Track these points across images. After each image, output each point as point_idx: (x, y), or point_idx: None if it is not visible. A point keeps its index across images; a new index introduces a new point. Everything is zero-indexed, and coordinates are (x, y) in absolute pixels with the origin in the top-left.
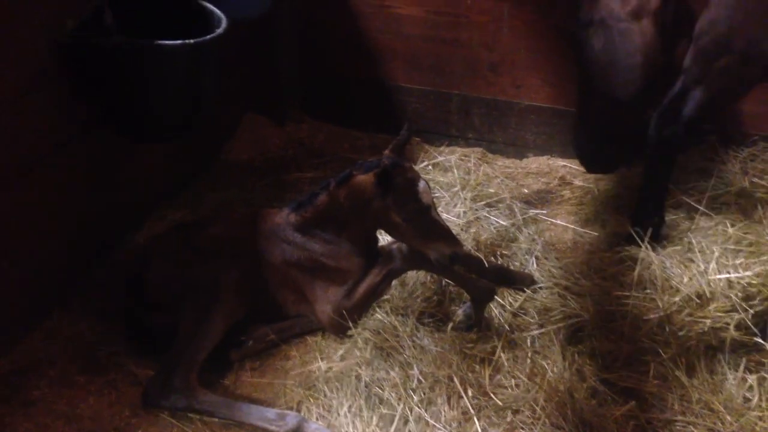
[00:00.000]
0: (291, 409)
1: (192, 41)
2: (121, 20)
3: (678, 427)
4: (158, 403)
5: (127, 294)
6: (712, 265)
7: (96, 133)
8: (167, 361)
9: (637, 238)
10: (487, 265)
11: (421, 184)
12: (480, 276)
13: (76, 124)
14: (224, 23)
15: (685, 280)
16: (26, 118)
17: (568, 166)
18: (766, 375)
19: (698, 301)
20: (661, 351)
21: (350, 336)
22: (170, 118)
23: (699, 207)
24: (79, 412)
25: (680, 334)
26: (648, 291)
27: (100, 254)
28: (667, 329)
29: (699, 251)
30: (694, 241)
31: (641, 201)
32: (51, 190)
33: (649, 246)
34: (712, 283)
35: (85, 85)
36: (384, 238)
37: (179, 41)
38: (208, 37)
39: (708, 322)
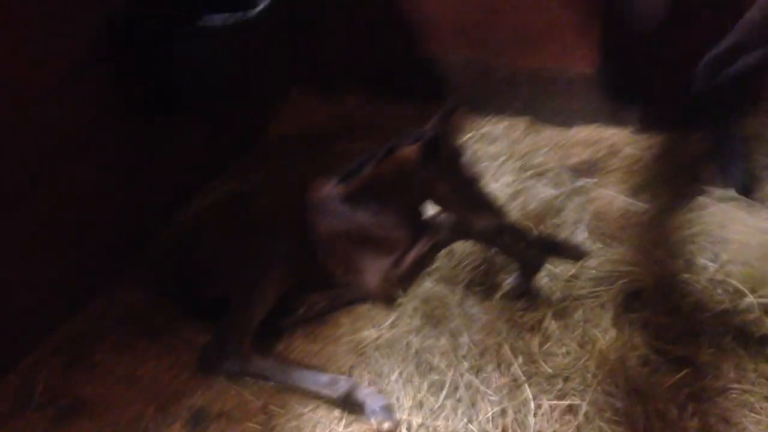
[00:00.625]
0: (343, 374)
1: (239, 15)
2: None
3: (733, 395)
4: (214, 368)
5: (179, 265)
6: None
7: (145, 110)
8: (221, 327)
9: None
10: (535, 236)
11: (466, 155)
12: (528, 246)
13: (126, 101)
14: None
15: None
16: (83, 93)
17: (617, 135)
18: None
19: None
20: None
21: (399, 305)
22: (216, 93)
23: None
24: (140, 375)
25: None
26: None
27: (154, 226)
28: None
29: None
30: None
31: (722, 162)
32: (103, 167)
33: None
34: None
35: (135, 61)
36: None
37: (225, 15)
38: (255, 10)
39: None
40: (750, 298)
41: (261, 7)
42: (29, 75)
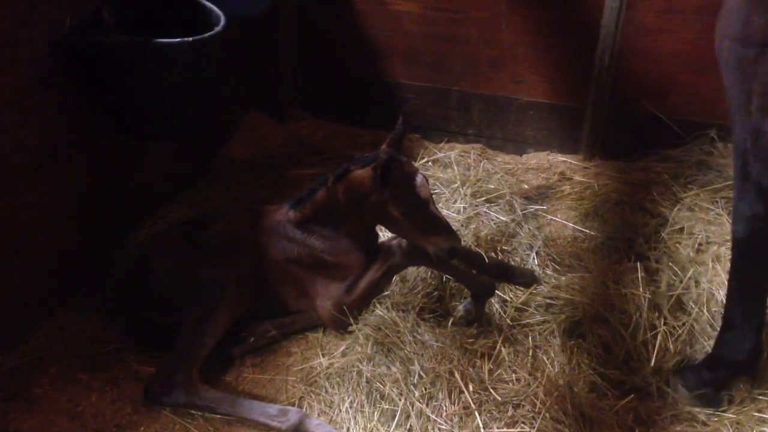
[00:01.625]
0: (293, 405)
1: (191, 39)
2: (120, 19)
3: (680, 417)
4: (160, 400)
5: (129, 291)
6: None
7: (97, 133)
8: (169, 357)
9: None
10: (487, 261)
11: (419, 178)
12: (480, 272)
13: (77, 125)
14: (223, 21)
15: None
16: (28, 119)
17: (567, 162)
18: None
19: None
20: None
21: (351, 332)
22: (171, 117)
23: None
24: (82, 409)
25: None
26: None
27: (103, 253)
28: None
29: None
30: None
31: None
32: (54, 191)
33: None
34: None
35: (85, 84)
36: (384, 235)
37: (178, 39)
38: (207, 34)
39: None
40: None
41: (214, 30)
42: None
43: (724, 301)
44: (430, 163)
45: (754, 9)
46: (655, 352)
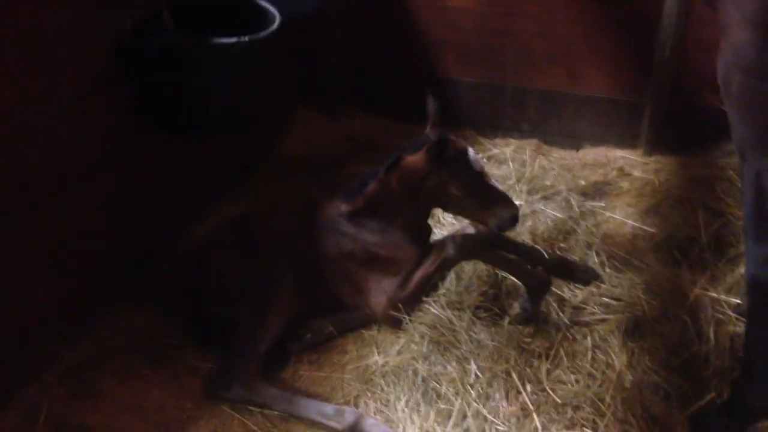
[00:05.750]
0: (348, 403)
1: (247, 38)
2: (178, 20)
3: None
4: (220, 395)
5: (186, 288)
6: None
7: (152, 132)
8: (228, 353)
9: None
10: (545, 258)
11: (471, 152)
12: (537, 269)
13: (133, 124)
14: (278, 20)
15: None
16: (90, 119)
17: (626, 157)
18: None
19: None
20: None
21: (406, 329)
22: (227, 115)
23: None
24: (145, 404)
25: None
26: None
27: (160, 249)
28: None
29: None
30: None
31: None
32: (111, 189)
33: None
34: None
35: (143, 84)
36: (438, 233)
37: (235, 38)
38: (263, 33)
39: None
40: None
41: (269, 29)
42: (42, 93)
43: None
44: (484, 160)
45: None
46: (718, 357)
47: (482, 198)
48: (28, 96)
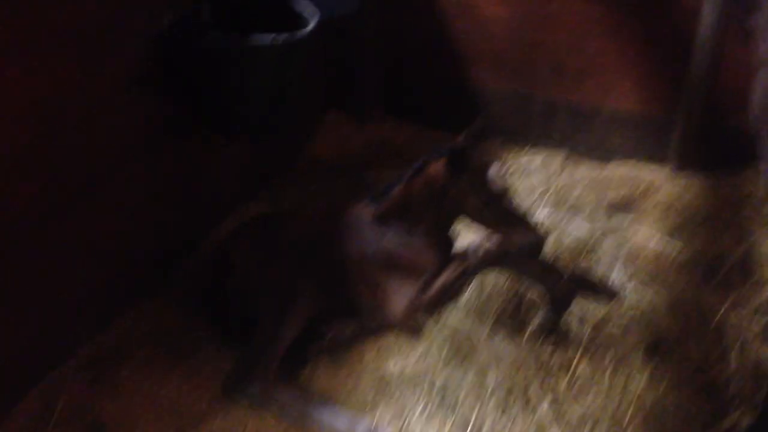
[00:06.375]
0: (364, 409)
1: (284, 37)
2: (216, 16)
3: None
4: (238, 391)
5: (210, 286)
6: None
7: (181, 130)
8: (247, 352)
9: None
10: (569, 271)
11: (494, 167)
12: (561, 281)
13: (164, 122)
14: (315, 20)
15: None
16: (124, 114)
17: (654, 173)
18: None
19: None
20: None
21: (425, 337)
22: (260, 114)
23: None
24: (163, 394)
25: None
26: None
27: (187, 245)
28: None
29: None
30: None
31: None
32: (142, 184)
33: None
34: None
35: (179, 80)
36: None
37: (272, 37)
38: (300, 33)
39: None
40: None
41: (309, 28)
42: (81, 84)
43: None
44: (512, 169)
45: None
46: (741, 379)
47: (503, 218)
48: (66, 85)
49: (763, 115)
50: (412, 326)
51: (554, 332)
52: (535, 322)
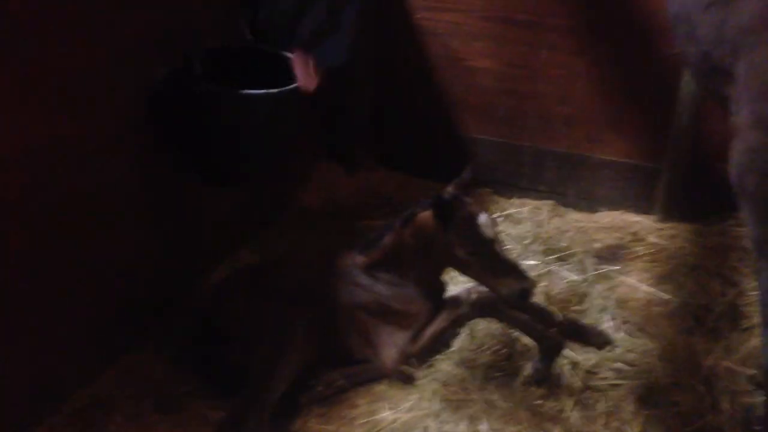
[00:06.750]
0: None
1: (275, 90)
2: (208, 69)
3: None
4: None
5: (199, 335)
6: None
7: (171, 180)
8: (239, 401)
9: None
10: (559, 320)
11: (483, 217)
12: (551, 329)
13: (157, 172)
14: None
15: None
16: (117, 163)
17: (641, 222)
18: None
19: None
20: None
21: (417, 386)
22: (252, 164)
23: None
24: None
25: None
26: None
27: (176, 296)
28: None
29: None
30: None
31: None
32: (129, 236)
33: None
34: None
35: (170, 132)
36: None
37: (263, 90)
38: (290, 87)
39: None
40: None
41: (296, 83)
42: (75, 135)
43: None
44: (501, 218)
45: None
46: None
47: (492, 266)
48: (59, 137)
49: (740, 182)
50: (404, 375)
51: (546, 380)
52: (528, 368)
